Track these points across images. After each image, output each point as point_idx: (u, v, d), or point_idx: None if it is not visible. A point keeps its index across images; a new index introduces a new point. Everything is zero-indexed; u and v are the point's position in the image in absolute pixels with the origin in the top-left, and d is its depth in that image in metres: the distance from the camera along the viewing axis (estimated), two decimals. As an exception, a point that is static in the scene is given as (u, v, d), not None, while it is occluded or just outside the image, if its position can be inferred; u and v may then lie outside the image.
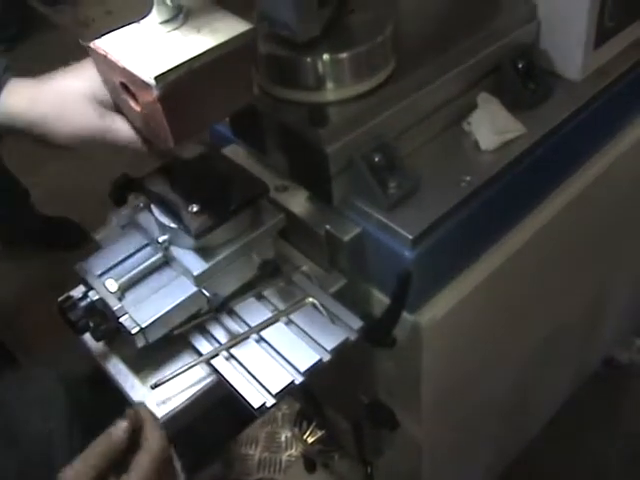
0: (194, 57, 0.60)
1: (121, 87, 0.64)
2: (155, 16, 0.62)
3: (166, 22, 0.63)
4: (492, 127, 0.83)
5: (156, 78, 0.58)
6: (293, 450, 1.52)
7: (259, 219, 0.78)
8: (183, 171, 0.75)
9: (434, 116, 0.85)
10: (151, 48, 0.61)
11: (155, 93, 0.59)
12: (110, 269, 0.77)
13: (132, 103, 0.65)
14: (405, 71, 0.81)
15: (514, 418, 1.25)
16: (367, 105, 0.77)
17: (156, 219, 0.76)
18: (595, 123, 0.92)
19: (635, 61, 0.94)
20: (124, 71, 0.61)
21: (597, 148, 0.97)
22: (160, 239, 0.75)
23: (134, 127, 0.69)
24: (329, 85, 0.77)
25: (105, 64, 0.63)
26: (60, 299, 0.76)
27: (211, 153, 0.77)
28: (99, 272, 0.77)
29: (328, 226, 0.79)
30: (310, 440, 1.25)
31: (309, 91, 0.77)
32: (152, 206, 0.77)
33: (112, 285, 0.75)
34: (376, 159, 0.76)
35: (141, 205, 0.80)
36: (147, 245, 0.78)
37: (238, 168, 0.78)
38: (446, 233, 0.77)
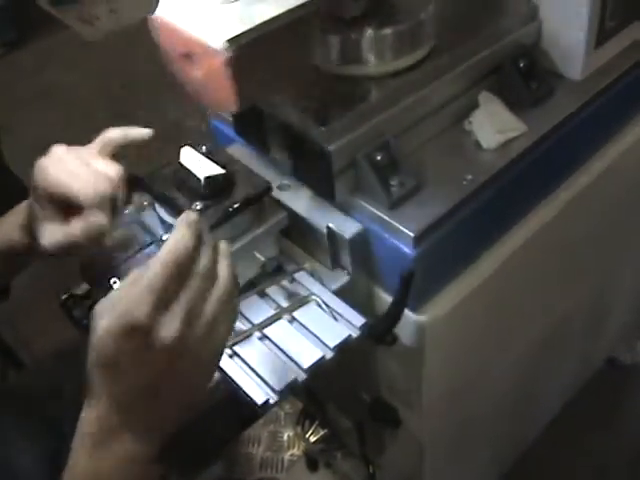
0: (263, 22, 0.63)
1: (181, 57, 0.66)
2: None
3: None
4: (493, 126, 0.83)
5: (227, 42, 0.61)
6: (295, 449, 1.52)
7: (262, 217, 0.78)
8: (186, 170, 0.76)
9: (435, 115, 0.85)
10: (215, 16, 0.64)
11: (223, 58, 0.61)
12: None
13: (193, 72, 0.66)
14: (406, 70, 0.81)
15: (516, 416, 1.25)
16: (369, 103, 0.78)
17: (160, 217, 0.77)
18: (596, 122, 0.92)
19: (636, 61, 0.94)
20: (189, 39, 0.63)
21: (598, 147, 0.98)
22: (164, 237, 0.76)
23: None
24: (372, 60, 0.79)
25: (166, 34, 0.65)
26: (64, 296, 0.77)
27: (214, 152, 0.78)
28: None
29: (331, 224, 0.79)
30: (312, 439, 1.25)
31: (351, 65, 0.80)
32: (156, 205, 0.77)
33: (116, 283, 0.76)
34: (378, 157, 0.77)
35: (145, 204, 0.80)
36: (151, 243, 0.79)
37: (241, 166, 0.79)
38: (448, 231, 0.78)
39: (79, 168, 0.70)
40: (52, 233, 0.73)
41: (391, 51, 0.80)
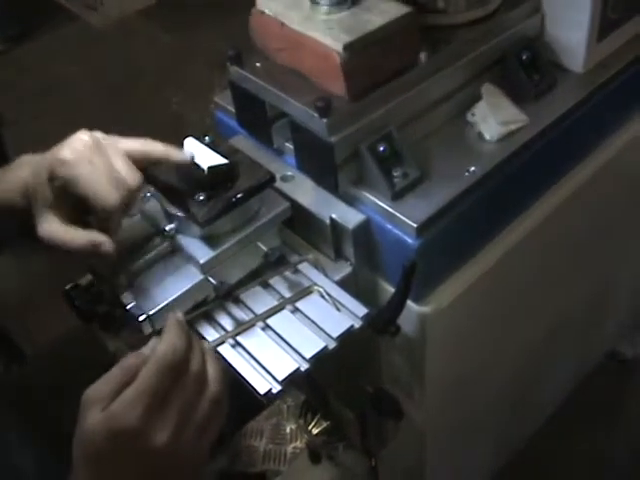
0: (373, 30, 0.74)
1: (277, 51, 0.80)
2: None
3: (336, 4, 0.76)
4: (496, 118, 0.84)
5: (344, 46, 0.72)
6: (298, 442, 1.53)
7: (265, 208, 0.78)
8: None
9: (438, 107, 0.85)
10: (324, 23, 0.76)
11: (340, 59, 0.72)
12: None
13: (299, 59, 0.78)
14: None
15: (517, 409, 1.25)
16: (371, 95, 0.78)
17: (163, 208, 0.77)
18: (598, 114, 0.92)
19: (638, 54, 0.95)
20: (307, 40, 0.75)
21: (600, 139, 0.98)
22: (167, 228, 0.76)
23: None
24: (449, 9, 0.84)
25: (271, 31, 0.78)
26: (67, 287, 0.77)
27: (218, 143, 0.78)
28: (106, 260, 0.78)
29: (334, 215, 0.79)
30: (315, 431, 1.25)
31: (428, 14, 0.85)
32: (159, 195, 0.78)
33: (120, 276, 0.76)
34: (381, 149, 0.77)
35: (148, 194, 0.80)
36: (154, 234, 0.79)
37: (244, 157, 0.79)
38: (451, 222, 0.78)
39: (103, 173, 0.66)
40: (51, 226, 0.69)
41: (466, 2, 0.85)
